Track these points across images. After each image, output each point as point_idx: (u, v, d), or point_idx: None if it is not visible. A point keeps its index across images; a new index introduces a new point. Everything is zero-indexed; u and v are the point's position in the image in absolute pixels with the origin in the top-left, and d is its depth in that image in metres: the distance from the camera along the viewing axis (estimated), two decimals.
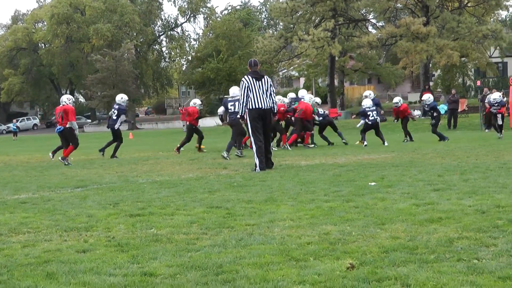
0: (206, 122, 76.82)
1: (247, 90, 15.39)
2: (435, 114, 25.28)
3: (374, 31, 59.14)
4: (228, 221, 7.66)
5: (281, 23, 68.25)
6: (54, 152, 21.21)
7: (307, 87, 64.08)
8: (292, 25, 55.14)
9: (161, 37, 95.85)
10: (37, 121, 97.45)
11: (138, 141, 42.45)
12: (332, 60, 56.66)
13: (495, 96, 25.38)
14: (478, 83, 42.70)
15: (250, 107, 15.38)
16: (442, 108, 32.60)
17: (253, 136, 15.44)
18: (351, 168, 14.19)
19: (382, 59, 75.88)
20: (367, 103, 24.20)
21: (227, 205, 8.98)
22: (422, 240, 6.21)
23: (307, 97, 24.85)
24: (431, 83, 60.39)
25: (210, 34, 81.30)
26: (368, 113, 24.01)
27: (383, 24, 57.55)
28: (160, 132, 63.33)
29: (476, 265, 5.22)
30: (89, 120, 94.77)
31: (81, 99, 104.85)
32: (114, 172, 15.67)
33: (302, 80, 75.83)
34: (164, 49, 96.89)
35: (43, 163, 20.45)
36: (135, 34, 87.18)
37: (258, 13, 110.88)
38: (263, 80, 15.47)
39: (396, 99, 26.77)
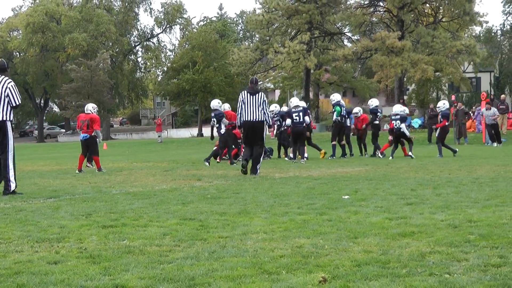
0: (180, 133, 76.94)
1: (241, 104, 17.26)
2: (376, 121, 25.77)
3: (349, 44, 59.44)
4: (201, 233, 7.64)
5: (257, 35, 68.38)
6: (89, 161, 22.19)
7: (282, 99, 64.28)
8: (268, 37, 55.30)
9: (137, 48, 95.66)
10: None
11: (112, 151, 42.29)
12: (307, 73, 56.87)
13: (396, 109, 24.65)
14: (453, 97, 42.96)
15: (243, 119, 17.21)
16: (416, 122, 32.70)
17: (244, 144, 17.86)
18: (325, 181, 14.22)
19: (357, 72, 76.21)
20: (397, 109, 24.10)
21: (200, 217, 8.95)
22: (395, 254, 6.23)
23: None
24: (405, 97, 60.69)
25: (186, 45, 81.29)
26: (392, 122, 23.95)
27: (359, 37, 57.85)
28: (135, 142, 63.13)
29: (448, 279, 5.23)
30: (63, 130, 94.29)
31: (55, 108, 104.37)
32: (88, 183, 15.59)
33: (277, 92, 75.96)
34: (139, 59, 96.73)
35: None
36: (110, 44, 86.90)
37: (234, 24, 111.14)
38: (257, 95, 17.19)
39: (356, 109, 26.73)
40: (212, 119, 23.16)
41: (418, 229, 7.51)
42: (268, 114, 17.42)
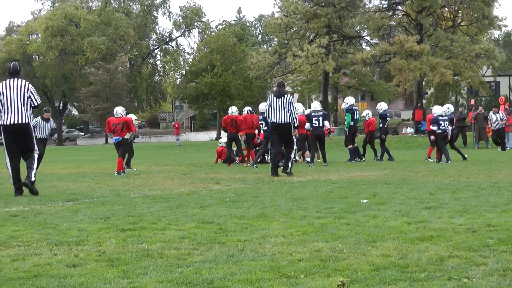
0: (199, 137, 77.03)
1: (269, 107, 18.01)
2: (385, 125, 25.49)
3: (368, 48, 59.27)
4: (219, 237, 7.64)
5: (275, 39, 68.32)
6: (128, 165, 22.69)
7: (301, 103, 64.15)
8: (286, 41, 55.26)
9: (156, 51, 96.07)
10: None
11: None
12: (326, 77, 56.79)
13: (442, 109, 24.12)
14: (472, 102, 42.75)
15: (270, 121, 18.05)
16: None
17: (270, 146, 19.20)
18: (343, 185, 14.19)
19: (375, 76, 76.03)
20: (438, 110, 23.51)
21: (218, 220, 8.96)
22: (413, 258, 6.21)
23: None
24: (424, 101, 60.50)
25: (205, 49, 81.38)
26: (440, 122, 23.11)
27: (377, 41, 57.70)
28: (153, 145, 63.24)
29: (466, 284, 5.21)
30: (82, 133, 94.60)
31: (74, 111, 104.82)
32: (106, 186, 15.63)
33: (296, 95, 75.92)
34: (158, 62, 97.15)
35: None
36: (129, 47, 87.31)
37: (252, 28, 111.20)
38: (283, 98, 17.73)
39: (364, 113, 26.59)
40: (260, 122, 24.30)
41: (437, 233, 7.48)
42: (294, 116, 17.90)
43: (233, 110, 24.57)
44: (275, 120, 17.80)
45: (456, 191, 12.28)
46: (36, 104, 13.14)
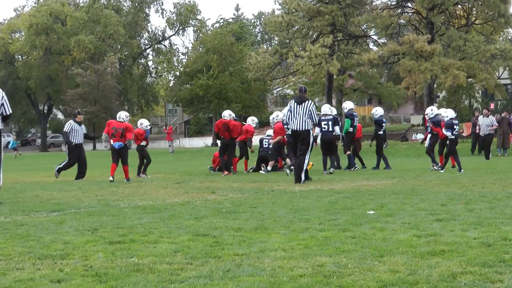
0: (193, 143, 77.04)
1: (289, 113, 18.87)
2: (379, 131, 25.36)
3: (375, 48, 59.35)
4: (215, 250, 7.64)
5: (276, 38, 68.48)
6: (144, 172, 24.10)
7: None
8: (287, 40, 55.28)
9: (148, 51, 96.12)
10: (11, 138, 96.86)
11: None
12: (330, 78, 56.81)
13: (450, 113, 23.88)
14: (492, 106, 42.48)
15: (291, 128, 18.91)
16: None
17: (293, 153, 20.80)
18: (349, 195, 14.19)
19: (383, 78, 76.17)
20: (451, 113, 23.08)
21: (214, 232, 8.96)
22: (423, 274, 6.20)
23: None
24: (435, 105, 60.51)
25: (200, 48, 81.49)
26: (454, 127, 22.75)
27: (385, 41, 57.74)
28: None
29: None
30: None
31: (60, 115, 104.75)
32: (94, 195, 15.63)
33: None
34: (150, 63, 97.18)
35: (16, 184, 20.41)
36: (119, 46, 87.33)
37: (251, 27, 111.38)
38: (303, 104, 18.47)
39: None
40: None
41: (449, 248, 7.48)
42: (316, 121, 19.06)
43: (225, 114, 24.60)
44: (294, 127, 18.60)
45: (470, 202, 12.27)
46: (7, 113, 13.11)
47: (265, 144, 25.69)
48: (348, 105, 25.62)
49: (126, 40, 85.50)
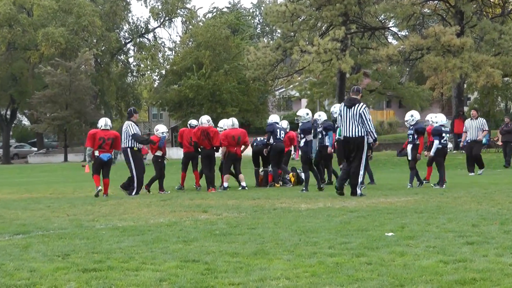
0: (181, 153, 77.05)
1: (339, 118, 19.66)
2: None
3: (395, 42, 59.40)
4: (207, 279, 7.66)
5: (278, 31, 68.50)
6: (148, 186, 24.45)
7: (311, 111, 64.17)
8: (292, 33, 55.27)
9: (128, 45, 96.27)
10: None
11: None
12: (341, 78, 56.82)
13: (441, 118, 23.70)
14: None
15: (343, 135, 19.34)
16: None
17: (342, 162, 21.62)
18: (364, 213, 14.21)
19: (404, 77, 76.15)
20: (442, 118, 23.13)
21: (206, 258, 8.98)
22: None
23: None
24: (465, 109, 60.55)
25: (190, 43, 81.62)
26: (443, 134, 22.82)
27: (407, 33, 57.77)
28: (124, 164, 63.15)
29: None
30: (35, 149, 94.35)
31: (25, 121, 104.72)
32: (65, 215, 15.65)
33: (304, 101, 76.03)
34: (131, 60, 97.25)
35: None
36: (95, 41, 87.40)
37: (250, 17, 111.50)
38: (354, 108, 18.93)
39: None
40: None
41: (481, 276, 7.49)
42: (369, 126, 19.03)
43: (203, 120, 24.65)
44: (344, 134, 19.15)
45: (506, 222, 12.29)
46: None
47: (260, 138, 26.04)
48: (337, 108, 25.47)
49: (103, 33, 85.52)
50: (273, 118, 26.00)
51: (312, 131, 22.93)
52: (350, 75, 60.11)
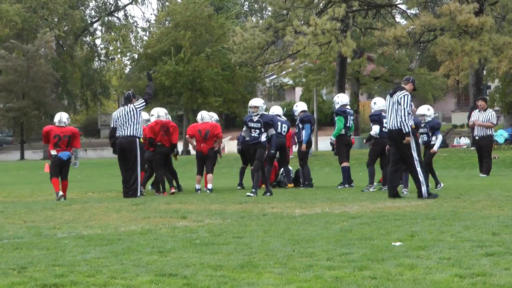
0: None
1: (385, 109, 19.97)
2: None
3: (403, 21, 59.48)
4: None
5: (269, 8, 68.53)
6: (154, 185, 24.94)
7: (306, 101, 64.18)
8: (285, 11, 55.36)
9: (95, 25, 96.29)
10: None
11: None
12: (342, 63, 56.94)
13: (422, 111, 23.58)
14: None
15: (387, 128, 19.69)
16: (500, 135, 32.26)
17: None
18: (367, 220, 14.23)
19: (414, 62, 76.30)
20: (381, 103, 23.22)
21: (185, 272, 8.98)
22: None
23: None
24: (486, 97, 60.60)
25: (167, 22, 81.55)
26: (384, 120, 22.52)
27: (417, 11, 57.86)
28: (91, 162, 63.25)
29: None
30: None
31: None
32: (22, 222, 15.62)
33: (298, 90, 76.06)
34: (98, 42, 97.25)
35: None
36: (56, 20, 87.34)
37: None
38: (394, 96, 19.08)
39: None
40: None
41: None
42: (405, 118, 18.83)
43: (161, 113, 24.54)
44: (387, 127, 19.58)
45: None
46: None
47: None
48: (341, 99, 25.44)
49: (66, 10, 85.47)
50: (275, 110, 25.93)
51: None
52: (351, 60, 60.21)
